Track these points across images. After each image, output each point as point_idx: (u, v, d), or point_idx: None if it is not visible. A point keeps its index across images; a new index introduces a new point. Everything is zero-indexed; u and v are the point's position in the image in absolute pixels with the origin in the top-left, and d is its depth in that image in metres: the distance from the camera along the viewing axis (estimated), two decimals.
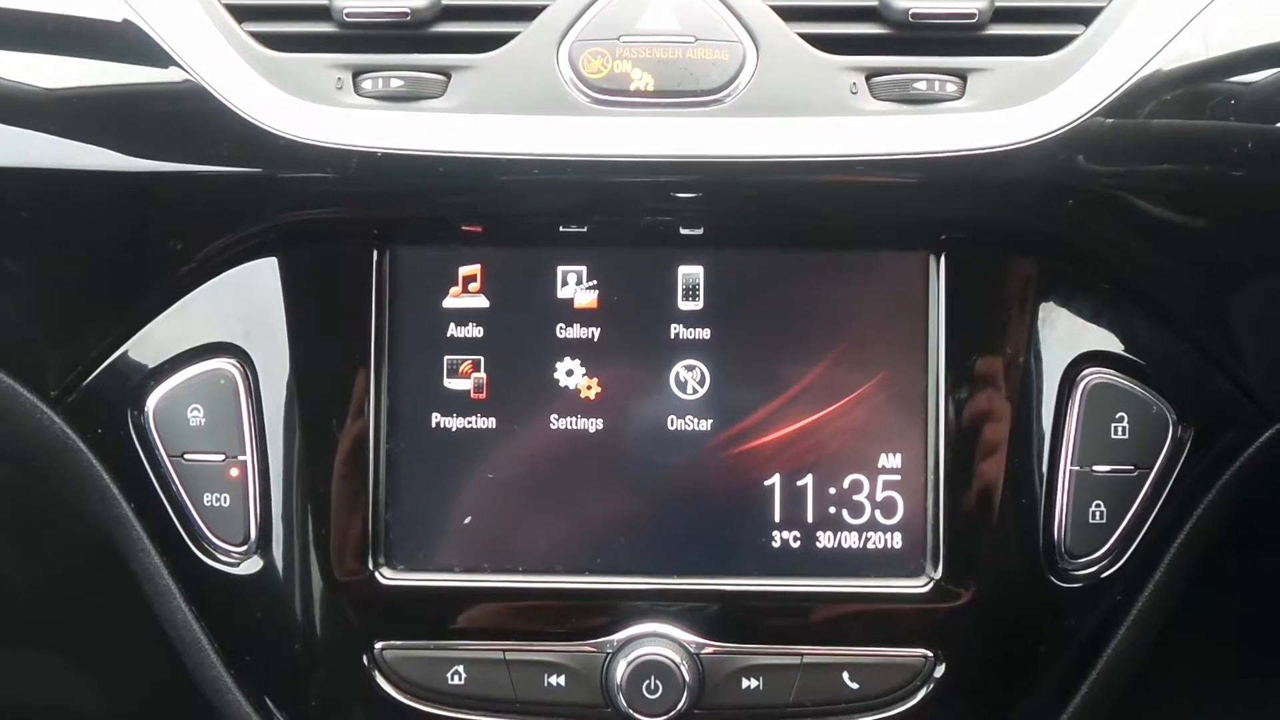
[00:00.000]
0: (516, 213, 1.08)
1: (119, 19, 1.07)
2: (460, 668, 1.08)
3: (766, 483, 1.09)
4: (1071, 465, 1.06)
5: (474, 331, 1.09)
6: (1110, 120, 1.02)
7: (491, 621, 1.08)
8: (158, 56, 1.06)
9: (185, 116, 1.06)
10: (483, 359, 1.09)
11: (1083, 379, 1.07)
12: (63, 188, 1.08)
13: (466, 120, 1.04)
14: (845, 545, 1.08)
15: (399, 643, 1.08)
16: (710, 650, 1.07)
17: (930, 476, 1.07)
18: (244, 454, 1.09)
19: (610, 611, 1.08)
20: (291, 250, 1.08)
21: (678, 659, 1.06)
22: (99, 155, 1.07)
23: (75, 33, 1.09)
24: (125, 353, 1.10)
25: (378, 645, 1.09)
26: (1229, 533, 1.10)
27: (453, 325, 1.09)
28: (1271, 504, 1.12)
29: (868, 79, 1.04)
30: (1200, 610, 1.12)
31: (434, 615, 1.09)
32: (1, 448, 1.19)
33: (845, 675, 1.07)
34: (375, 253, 1.08)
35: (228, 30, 1.06)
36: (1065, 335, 1.07)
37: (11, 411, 1.11)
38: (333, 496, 1.08)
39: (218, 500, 1.09)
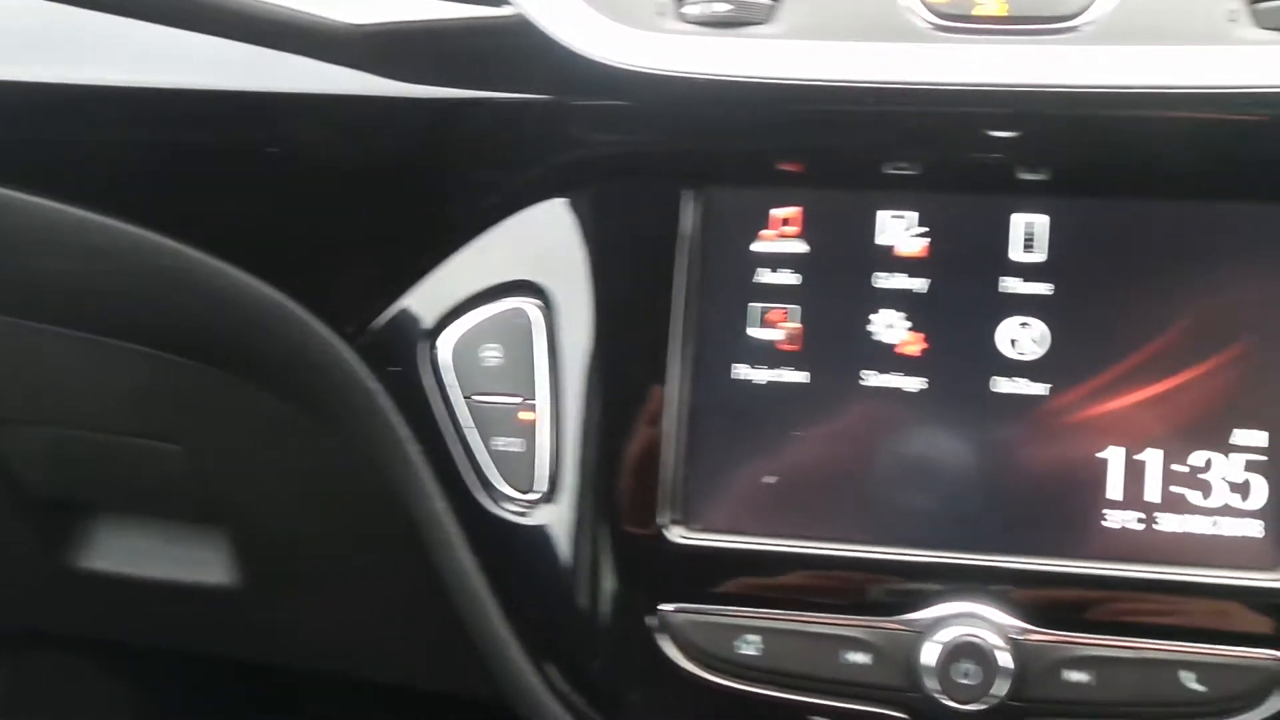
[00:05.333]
0: (843, 148, 1.00)
1: None
2: (753, 637, 1.00)
3: (1104, 456, 0.98)
4: None
5: (787, 278, 1.02)
6: None
7: (789, 590, 1.00)
8: None
9: (502, 43, 1.02)
10: (794, 307, 1.01)
11: None
12: (372, 116, 1.05)
13: (797, 46, 0.97)
14: (1192, 530, 0.97)
15: (688, 606, 1.01)
16: (1034, 636, 0.96)
17: None
18: (539, 397, 1.03)
19: (922, 587, 0.98)
20: (599, 186, 1.03)
21: (997, 642, 0.96)
22: (410, 86, 1.04)
23: None
24: (424, 288, 1.06)
25: (665, 607, 1.01)
26: None
27: (764, 270, 1.02)
28: None
29: (1250, 3, 0.93)
30: None
31: (727, 579, 1.01)
32: (293, 388, 1.17)
33: (1187, 675, 0.95)
34: (685, 191, 1.02)
35: None
36: None
37: (307, 349, 1.09)
38: (628, 447, 1.02)
39: (509, 445, 1.04)
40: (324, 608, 1.38)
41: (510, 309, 1.04)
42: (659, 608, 1.02)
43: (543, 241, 1.04)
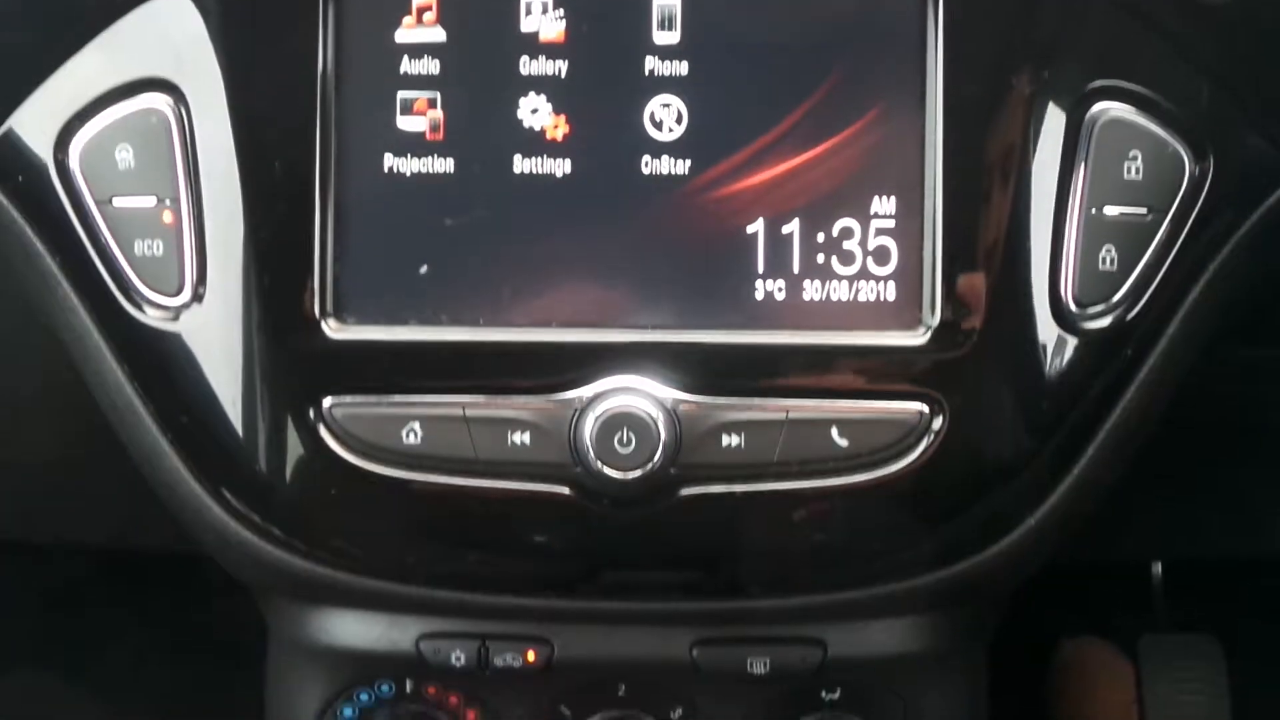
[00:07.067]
0: None
1: None
2: (416, 425, 0.99)
3: (749, 229, 1.00)
4: (1080, 206, 0.98)
5: (430, 67, 1.00)
6: None
7: (449, 377, 0.99)
8: None
9: None
10: (439, 96, 1.00)
11: (1094, 114, 0.98)
12: None
13: None
14: (834, 296, 1.00)
15: (349, 398, 1.00)
16: (689, 404, 0.98)
17: (928, 221, 0.99)
18: (180, 198, 0.99)
19: (579, 365, 0.99)
20: None
21: (653, 412, 0.98)
22: None
23: None
24: (46, 91, 1.00)
25: (325, 402, 1.00)
26: (1248, 290, 1.02)
27: (406, 59, 1.00)
28: None
29: None
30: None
31: (386, 370, 1.00)
32: None
33: (834, 431, 0.99)
34: None
35: None
36: (1076, 68, 0.98)
37: None
38: (276, 244, 0.99)
39: (150, 248, 1.00)
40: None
41: (144, 108, 1.00)
42: (320, 403, 1.00)
43: (173, 34, 0.99)
